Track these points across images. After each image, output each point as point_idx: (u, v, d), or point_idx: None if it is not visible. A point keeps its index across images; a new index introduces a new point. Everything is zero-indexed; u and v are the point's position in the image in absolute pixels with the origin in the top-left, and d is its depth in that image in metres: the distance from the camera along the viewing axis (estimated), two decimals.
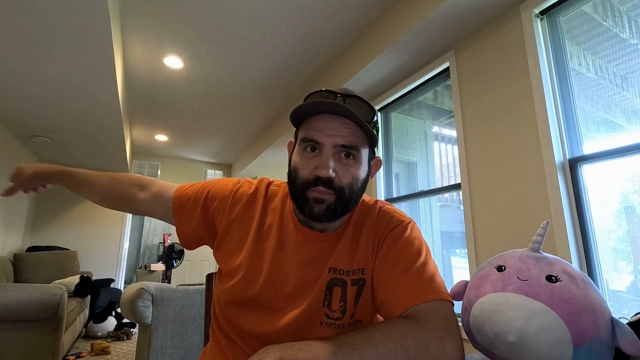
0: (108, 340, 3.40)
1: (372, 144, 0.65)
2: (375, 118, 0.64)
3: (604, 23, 1.55)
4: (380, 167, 0.71)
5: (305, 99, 0.64)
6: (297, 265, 0.67)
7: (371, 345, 0.50)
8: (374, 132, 0.62)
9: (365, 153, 0.63)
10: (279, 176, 0.76)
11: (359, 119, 0.58)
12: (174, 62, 2.78)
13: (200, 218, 0.74)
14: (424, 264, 0.62)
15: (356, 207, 0.71)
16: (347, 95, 0.62)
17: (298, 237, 0.68)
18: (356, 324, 0.66)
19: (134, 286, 1.97)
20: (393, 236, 0.67)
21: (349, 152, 0.61)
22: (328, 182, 0.59)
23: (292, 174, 0.63)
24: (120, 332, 3.48)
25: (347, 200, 0.61)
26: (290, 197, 0.67)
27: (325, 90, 0.62)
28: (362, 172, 0.63)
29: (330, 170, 0.59)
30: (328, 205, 0.60)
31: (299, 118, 0.64)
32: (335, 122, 0.60)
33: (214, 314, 0.77)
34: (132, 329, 3.59)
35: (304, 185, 0.61)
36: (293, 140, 0.69)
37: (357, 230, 0.69)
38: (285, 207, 0.72)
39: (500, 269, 0.62)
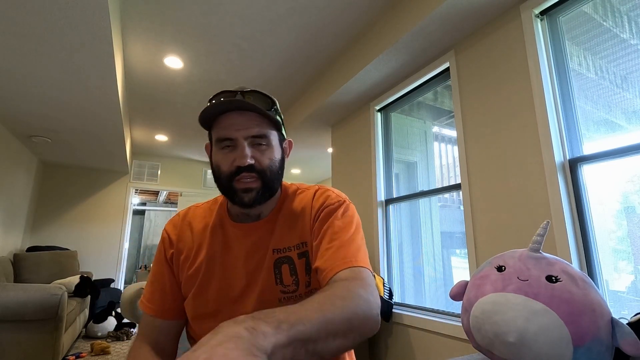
0: (108, 340, 3.40)
1: (279, 128, 0.73)
2: (274, 105, 0.72)
3: (604, 23, 1.55)
4: (292, 147, 0.79)
5: (209, 102, 0.70)
6: (243, 260, 0.71)
7: (312, 300, 0.54)
8: (277, 117, 0.71)
9: (274, 137, 0.71)
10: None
11: (260, 109, 0.67)
12: (174, 62, 2.78)
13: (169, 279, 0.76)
14: (352, 237, 0.69)
15: (288, 191, 0.78)
16: (246, 92, 0.69)
17: (237, 234, 0.73)
18: (313, 292, 0.69)
19: (134, 286, 1.97)
20: (328, 211, 0.72)
21: (260, 140, 0.68)
22: (250, 168, 0.66)
23: (216, 171, 0.69)
24: (120, 332, 3.48)
25: (270, 180, 0.69)
26: (222, 195, 0.73)
27: (226, 91, 0.69)
28: (277, 154, 0.71)
29: (248, 159, 0.66)
30: (257, 191, 0.67)
31: (209, 121, 0.70)
32: (240, 117, 0.67)
33: (190, 339, 0.78)
34: (132, 329, 3.59)
35: (228, 178, 0.67)
36: (209, 143, 0.74)
37: (295, 210, 0.75)
38: (221, 212, 0.77)
39: (500, 269, 0.62)
